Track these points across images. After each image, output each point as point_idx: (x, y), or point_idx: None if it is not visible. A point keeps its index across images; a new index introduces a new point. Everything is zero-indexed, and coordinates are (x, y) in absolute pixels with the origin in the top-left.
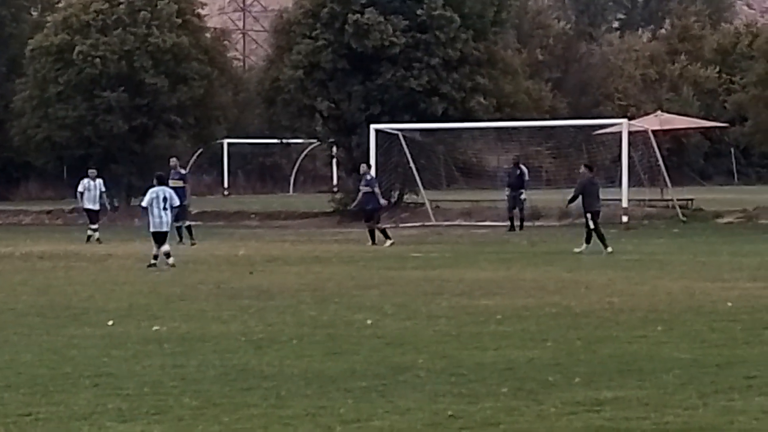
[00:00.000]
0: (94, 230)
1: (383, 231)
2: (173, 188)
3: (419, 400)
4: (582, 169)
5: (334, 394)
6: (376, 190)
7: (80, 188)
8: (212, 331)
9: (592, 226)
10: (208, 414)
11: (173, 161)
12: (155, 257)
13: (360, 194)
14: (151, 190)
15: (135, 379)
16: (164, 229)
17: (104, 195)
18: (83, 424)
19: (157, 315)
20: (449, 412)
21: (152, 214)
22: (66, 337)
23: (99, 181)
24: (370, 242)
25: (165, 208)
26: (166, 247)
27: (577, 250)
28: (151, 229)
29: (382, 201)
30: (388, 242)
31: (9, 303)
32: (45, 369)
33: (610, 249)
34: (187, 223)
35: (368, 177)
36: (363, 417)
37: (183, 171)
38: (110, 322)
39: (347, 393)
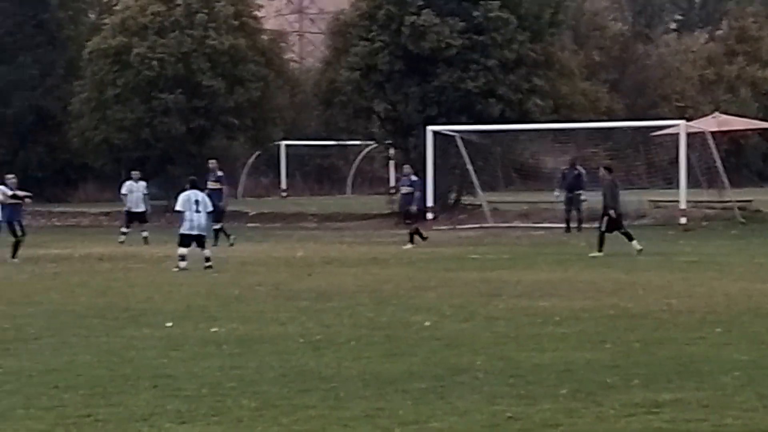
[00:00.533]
0: (126, 233)
1: (417, 231)
2: (211, 190)
3: (477, 401)
4: (601, 171)
5: (392, 395)
6: (417, 194)
7: (123, 190)
8: (270, 333)
9: (603, 228)
10: (267, 415)
11: (212, 163)
12: (182, 257)
13: (399, 195)
14: (183, 194)
15: (194, 380)
16: (196, 232)
17: (147, 198)
18: (142, 426)
19: (216, 316)
20: (507, 414)
21: (185, 217)
22: (125, 338)
23: (142, 183)
24: (409, 245)
25: (198, 211)
26: (206, 252)
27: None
28: (182, 231)
29: (413, 208)
30: (409, 245)
31: (68, 305)
32: (104, 370)
33: (598, 254)
34: (220, 225)
35: (413, 178)
36: (421, 418)
37: (220, 173)
38: (169, 324)
39: (405, 394)
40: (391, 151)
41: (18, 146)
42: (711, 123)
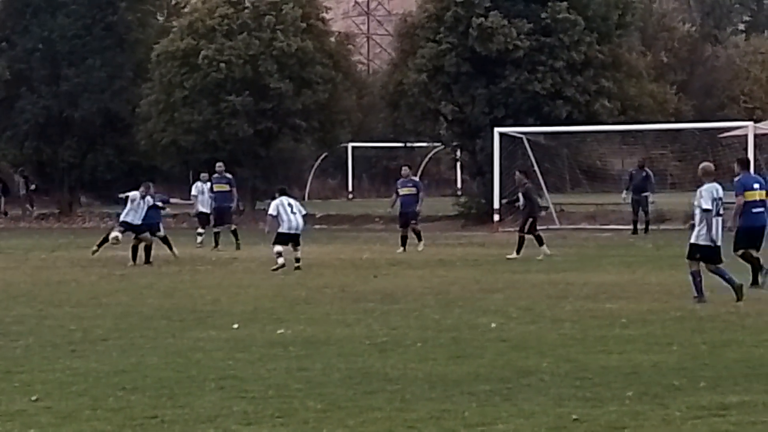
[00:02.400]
0: (202, 234)
1: (418, 234)
2: (218, 192)
3: (543, 403)
4: (517, 174)
5: (458, 397)
6: (422, 194)
7: (194, 191)
8: (337, 335)
9: (526, 230)
10: (333, 417)
11: (219, 166)
12: (279, 254)
13: (397, 197)
14: (275, 201)
15: (260, 382)
16: (293, 231)
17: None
18: (208, 427)
19: (282, 318)
20: (573, 416)
21: (282, 219)
22: (191, 340)
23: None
24: (401, 249)
25: (294, 212)
26: (298, 252)
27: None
28: (281, 230)
29: (418, 208)
30: (401, 249)
31: (135, 306)
32: (171, 372)
33: (512, 256)
34: (233, 227)
35: (414, 179)
36: (487, 420)
37: (229, 176)
38: (235, 326)
39: (471, 396)
40: (458, 153)
41: (86, 149)
42: None
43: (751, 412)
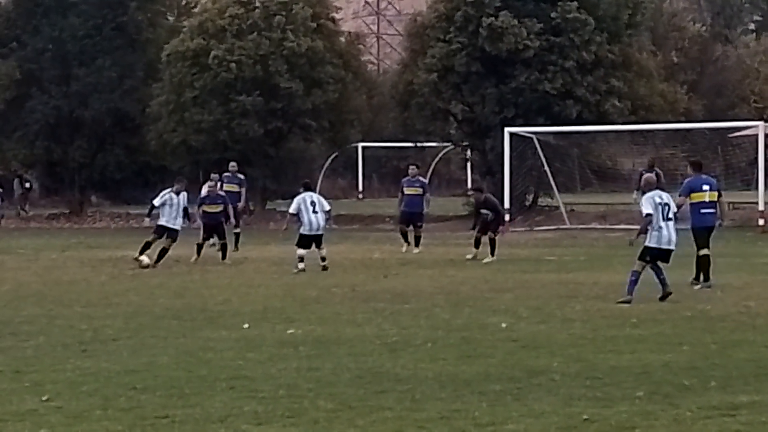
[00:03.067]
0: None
1: (418, 239)
2: (228, 192)
3: (554, 403)
4: (472, 193)
5: (468, 397)
6: (428, 195)
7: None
8: (347, 334)
9: (494, 235)
10: (343, 417)
11: (232, 166)
12: (301, 259)
13: (403, 196)
14: (297, 197)
15: (270, 381)
16: (314, 232)
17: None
18: (219, 427)
19: (292, 318)
20: (584, 416)
21: (303, 220)
22: (201, 339)
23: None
24: (405, 246)
25: (315, 212)
26: (323, 251)
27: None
28: (302, 231)
29: (425, 210)
30: (406, 247)
31: (146, 306)
32: (181, 372)
33: (470, 257)
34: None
35: (422, 179)
36: (497, 420)
37: (241, 176)
38: (246, 325)
39: (481, 396)
40: (468, 153)
41: (96, 148)
42: None
43: (761, 412)
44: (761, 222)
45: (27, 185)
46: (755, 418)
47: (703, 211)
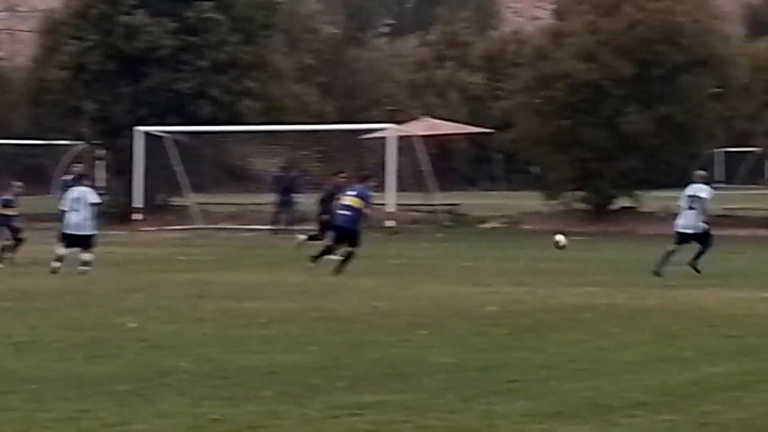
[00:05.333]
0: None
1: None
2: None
3: (182, 403)
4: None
5: (96, 397)
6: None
7: None
8: None
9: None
10: None
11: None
12: None
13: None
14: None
15: None
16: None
17: None
18: None
19: None
20: (212, 416)
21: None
22: None
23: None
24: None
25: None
26: None
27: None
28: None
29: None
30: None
31: None
32: None
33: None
34: None
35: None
36: (125, 421)
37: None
38: None
39: (110, 396)
40: (99, 152)
41: None
42: (420, 127)
43: (387, 411)
44: (390, 223)
45: None
46: (381, 417)
47: (340, 212)
